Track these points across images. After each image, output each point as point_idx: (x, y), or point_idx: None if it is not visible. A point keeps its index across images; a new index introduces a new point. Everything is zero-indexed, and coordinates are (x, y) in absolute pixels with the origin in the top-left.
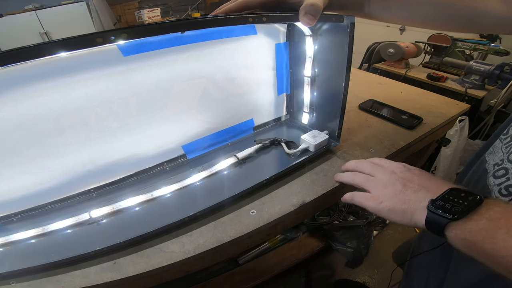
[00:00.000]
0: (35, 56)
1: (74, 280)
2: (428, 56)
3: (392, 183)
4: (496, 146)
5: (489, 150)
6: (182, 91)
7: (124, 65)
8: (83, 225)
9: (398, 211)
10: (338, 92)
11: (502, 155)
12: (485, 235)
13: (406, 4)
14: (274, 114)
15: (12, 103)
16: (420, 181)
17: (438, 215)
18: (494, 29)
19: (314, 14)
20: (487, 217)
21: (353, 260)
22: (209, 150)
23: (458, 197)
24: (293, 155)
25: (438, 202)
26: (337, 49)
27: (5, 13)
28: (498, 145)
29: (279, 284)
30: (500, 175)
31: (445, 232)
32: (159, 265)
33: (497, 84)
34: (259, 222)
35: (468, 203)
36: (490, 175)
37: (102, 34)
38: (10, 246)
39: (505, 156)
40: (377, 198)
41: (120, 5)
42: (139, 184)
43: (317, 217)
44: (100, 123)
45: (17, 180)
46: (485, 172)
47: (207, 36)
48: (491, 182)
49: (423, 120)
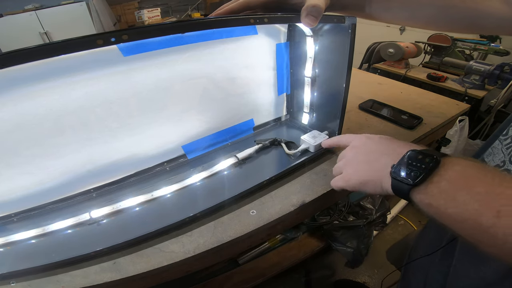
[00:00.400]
0: (35, 58)
1: (74, 280)
2: (428, 56)
3: (355, 157)
4: (495, 147)
5: (488, 151)
6: (182, 91)
7: (124, 65)
8: (83, 225)
9: (368, 182)
10: (338, 92)
11: (503, 157)
12: (446, 198)
13: (407, 5)
14: (274, 114)
15: (11, 103)
16: (381, 148)
17: (400, 181)
18: (497, 30)
19: (316, 15)
20: (446, 178)
21: (353, 260)
22: (209, 150)
23: (416, 159)
24: (293, 156)
25: (398, 168)
26: (338, 50)
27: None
28: (498, 146)
29: (279, 284)
30: None
31: (411, 198)
32: (159, 265)
33: (497, 84)
34: (259, 222)
35: (425, 166)
36: None
37: (102, 35)
38: (10, 246)
39: (506, 157)
40: (346, 176)
41: (120, 5)
42: (139, 184)
43: (317, 217)
44: (100, 123)
45: (17, 180)
46: None
47: (208, 36)
48: None
49: (423, 120)
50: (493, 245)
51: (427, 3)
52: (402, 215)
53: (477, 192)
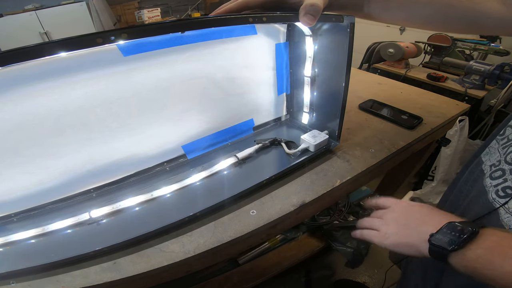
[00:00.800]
0: (35, 56)
1: (74, 280)
2: (428, 56)
3: (396, 219)
4: (492, 147)
5: (485, 151)
6: (182, 91)
7: (124, 65)
8: (83, 225)
9: (404, 244)
10: (338, 92)
11: (499, 156)
12: (483, 263)
13: (405, 5)
14: (274, 114)
15: (12, 103)
16: (421, 215)
17: (438, 247)
18: (495, 31)
19: (314, 14)
20: (483, 247)
21: (353, 260)
22: (209, 150)
23: (455, 230)
24: (293, 155)
25: (437, 236)
26: (337, 49)
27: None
28: (495, 146)
29: (279, 284)
30: (497, 176)
31: (448, 260)
32: (159, 265)
33: (497, 84)
34: (259, 222)
35: (464, 236)
36: (487, 176)
37: (102, 34)
38: (10, 246)
39: (502, 157)
40: (384, 235)
41: (120, 5)
42: (139, 184)
43: (317, 217)
44: (100, 123)
45: (17, 180)
46: (482, 173)
47: (207, 36)
48: (487, 183)
49: (423, 120)
50: None
51: (425, 3)
52: None
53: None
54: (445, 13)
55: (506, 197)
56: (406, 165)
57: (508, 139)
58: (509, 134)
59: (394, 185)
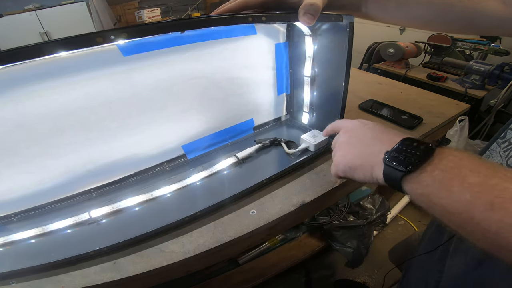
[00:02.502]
0: (35, 55)
1: (74, 280)
2: (428, 56)
3: (347, 140)
4: (493, 150)
5: (486, 154)
6: (182, 91)
7: (124, 65)
8: (83, 225)
9: (357, 167)
10: (338, 91)
11: (501, 160)
12: (439, 188)
13: (404, 5)
14: (274, 114)
15: (12, 103)
16: (375, 133)
17: (393, 168)
18: (495, 31)
19: (313, 13)
20: (440, 168)
21: (353, 260)
22: (209, 150)
23: (412, 147)
24: (293, 155)
25: (393, 154)
26: (336, 49)
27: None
28: (496, 149)
29: (279, 284)
30: None
31: (402, 186)
32: (159, 265)
33: (497, 84)
34: (259, 222)
35: (420, 153)
36: None
37: (102, 33)
38: (10, 246)
39: (504, 160)
40: (335, 160)
41: (120, 5)
42: (139, 184)
43: (317, 217)
44: (100, 123)
45: (17, 180)
46: None
47: (207, 36)
48: None
49: (423, 120)
50: (485, 238)
51: (424, 2)
52: (402, 215)
53: (470, 183)
54: (444, 13)
55: None
56: None
57: (510, 142)
58: (510, 137)
59: None
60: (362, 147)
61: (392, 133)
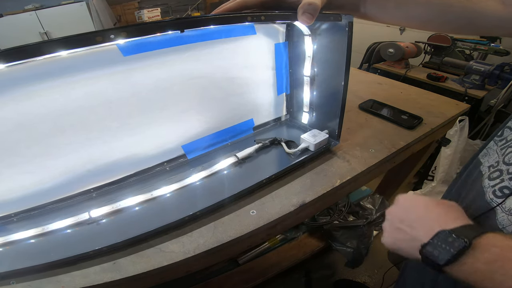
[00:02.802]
0: (35, 54)
1: (74, 280)
2: (428, 56)
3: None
4: (490, 148)
5: (483, 152)
6: (182, 91)
7: (124, 65)
8: (83, 225)
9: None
10: (337, 91)
11: (498, 157)
12: (482, 277)
13: (403, 5)
14: (274, 114)
15: (12, 103)
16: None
17: (430, 260)
18: (494, 31)
19: (312, 12)
20: (482, 261)
21: (353, 260)
22: (209, 150)
23: (446, 242)
24: (293, 155)
25: (428, 249)
26: (336, 48)
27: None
28: (493, 147)
29: (279, 284)
30: (495, 177)
31: (444, 271)
32: (159, 265)
33: (497, 84)
34: (259, 222)
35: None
36: (485, 177)
37: (101, 32)
38: (10, 246)
39: (500, 158)
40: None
41: (120, 5)
42: (139, 184)
43: (317, 217)
44: (100, 123)
45: (17, 180)
46: (480, 174)
47: (207, 36)
48: (486, 184)
49: (423, 120)
50: None
51: (423, 2)
52: None
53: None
54: (443, 13)
55: (503, 197)
56: (406, 165)
57: (506, 140)
58: (507, 135)
59: (394, 185)
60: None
61: (431, 219)
